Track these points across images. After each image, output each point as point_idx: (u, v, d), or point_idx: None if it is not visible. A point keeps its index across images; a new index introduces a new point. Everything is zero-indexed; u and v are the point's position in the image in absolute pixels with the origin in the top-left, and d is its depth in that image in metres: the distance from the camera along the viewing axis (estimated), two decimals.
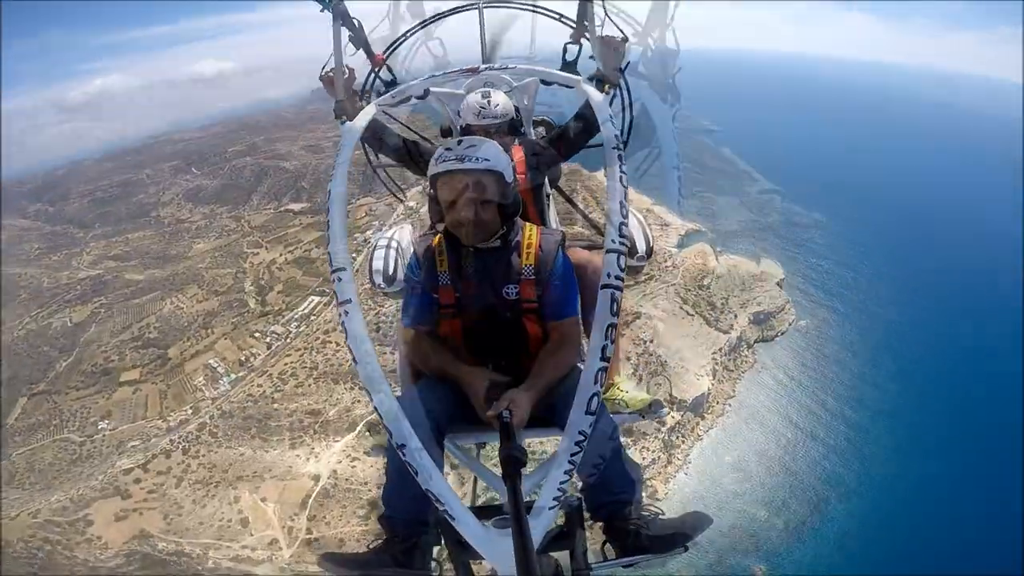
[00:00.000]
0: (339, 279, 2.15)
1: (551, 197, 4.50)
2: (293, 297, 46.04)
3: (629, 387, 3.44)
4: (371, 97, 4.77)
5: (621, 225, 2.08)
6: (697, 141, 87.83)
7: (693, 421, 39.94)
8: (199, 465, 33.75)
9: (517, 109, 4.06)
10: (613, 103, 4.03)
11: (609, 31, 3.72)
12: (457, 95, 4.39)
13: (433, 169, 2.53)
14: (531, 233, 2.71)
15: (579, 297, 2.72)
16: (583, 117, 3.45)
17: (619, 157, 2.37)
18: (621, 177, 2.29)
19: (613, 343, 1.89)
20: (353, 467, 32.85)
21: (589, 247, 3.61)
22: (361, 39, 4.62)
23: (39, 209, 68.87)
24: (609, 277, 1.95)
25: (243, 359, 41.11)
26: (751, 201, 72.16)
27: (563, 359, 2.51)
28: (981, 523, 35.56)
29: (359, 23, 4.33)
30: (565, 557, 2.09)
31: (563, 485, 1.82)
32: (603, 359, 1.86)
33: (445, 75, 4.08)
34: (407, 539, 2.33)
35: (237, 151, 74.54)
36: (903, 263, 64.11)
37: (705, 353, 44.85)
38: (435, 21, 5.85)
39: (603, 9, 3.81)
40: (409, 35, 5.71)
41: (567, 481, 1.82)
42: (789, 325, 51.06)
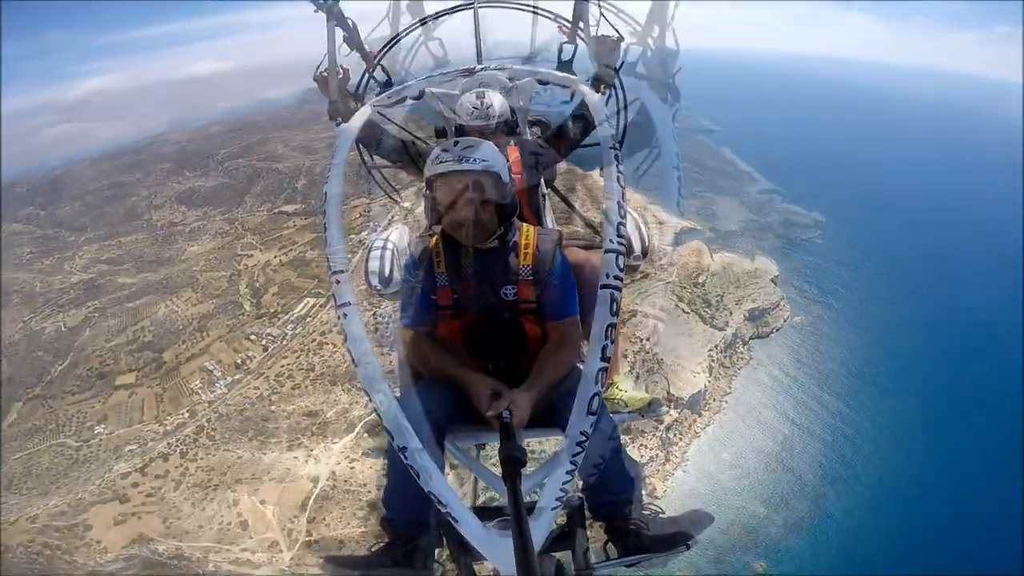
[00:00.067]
0: (338, 281, 2.15)
1: (547, 197, 4.50)
2: (288, 299, 45.82)
3: (628, 386, 3.45)
4: (366, 98, 4.76)
5: (619, 225, 2.08)
6: (697, 141, 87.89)
7: (690, 418, 39.98)
8: (197, 468, 33.58)
9: (513, 110, 4.05)
10: (609, 103, 4.03)
11: (604, 31, 3.72)
12: (453, 96, 4.39)
13: (431, 170, 2.53)
14: (528, 233, 2.71)
15: (578, 297, 2.72)
16: (579, 117, 3.45)
17: (616, 157, 2.37)
18: (618, 177, 2.30)
19: (613, 343, 1.90)
20: (352, 468, 32.77)
21: (586, 247, 3.61)
22: (355, 40, 4.61)
23: (31, 213, 68.33)
24: (608, 277, 1.95)
25: (239, 362, 40.91)
26: (751, 201, 72.13)
27: (563, 359, 2.51)
28: (981, 522, 35.58)
29: (353, 24, 4.32)
30: (567, 557, 2.10)
31: (565, 485, 1.82)
32: (603, 359, 1.86)
33: (442, 75, 4.07)
34: (409, 541, 2.33)
35: (231, 152, 74.11)
36: (901, 262, 64.31)
37: (701, 350, 44.91)
38: (430, 21, 5.83)
39: (598, 9, 3.82)
40: (404, 35, 5.70)
41: (569, 481, 1.83)
42: (784, 321, 51.20)
